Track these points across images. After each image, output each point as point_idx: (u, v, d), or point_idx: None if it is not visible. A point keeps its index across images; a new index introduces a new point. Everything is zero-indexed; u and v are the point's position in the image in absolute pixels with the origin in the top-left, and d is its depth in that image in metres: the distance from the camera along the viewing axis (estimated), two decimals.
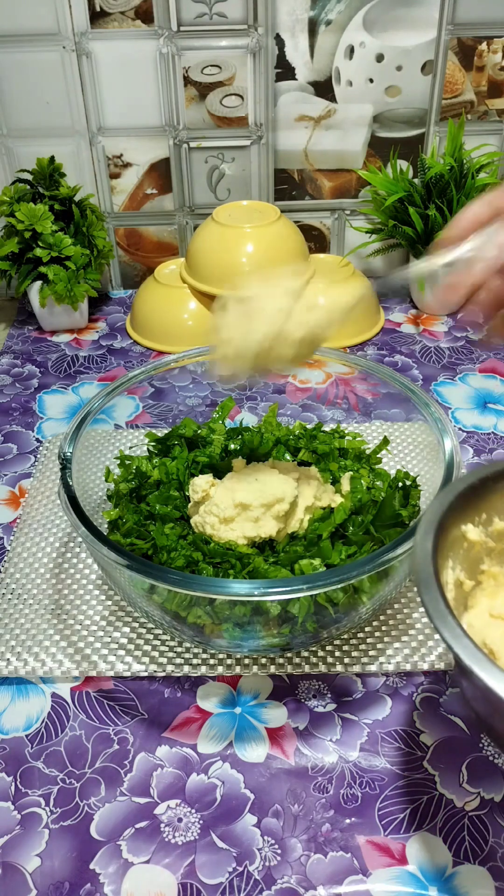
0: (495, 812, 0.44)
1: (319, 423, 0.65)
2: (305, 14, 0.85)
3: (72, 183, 0.94)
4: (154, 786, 0.46)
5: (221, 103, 0.90)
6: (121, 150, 0.93)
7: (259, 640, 0.49)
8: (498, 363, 0.86)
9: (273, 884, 0.41)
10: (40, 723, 0.49)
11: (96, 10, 0.84)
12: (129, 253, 1.01)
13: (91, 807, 0.45)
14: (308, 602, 0.46)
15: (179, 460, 0.59)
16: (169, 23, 0.85)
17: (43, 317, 0.92)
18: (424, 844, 0.43)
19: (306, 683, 0.51)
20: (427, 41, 0.87)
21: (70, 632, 0.54)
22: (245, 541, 0.51)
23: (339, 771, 0.47)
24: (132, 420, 0.73)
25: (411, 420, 0.60)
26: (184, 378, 0.71)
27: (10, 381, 0.84)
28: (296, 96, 0.90)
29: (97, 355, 0.89)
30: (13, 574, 0.59)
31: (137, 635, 0.54)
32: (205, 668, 0.52)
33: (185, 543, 0.52)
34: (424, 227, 0.89)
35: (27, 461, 0.72)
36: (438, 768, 0.47)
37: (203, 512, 0.52)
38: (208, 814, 0.44)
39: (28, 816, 0.45)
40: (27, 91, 0.88)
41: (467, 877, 0.41)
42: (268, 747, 0.48)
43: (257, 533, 0.51)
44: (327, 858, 0.42)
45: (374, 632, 0.54)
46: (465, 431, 0.75)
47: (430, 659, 0.52)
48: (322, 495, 0.55)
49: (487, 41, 0.88)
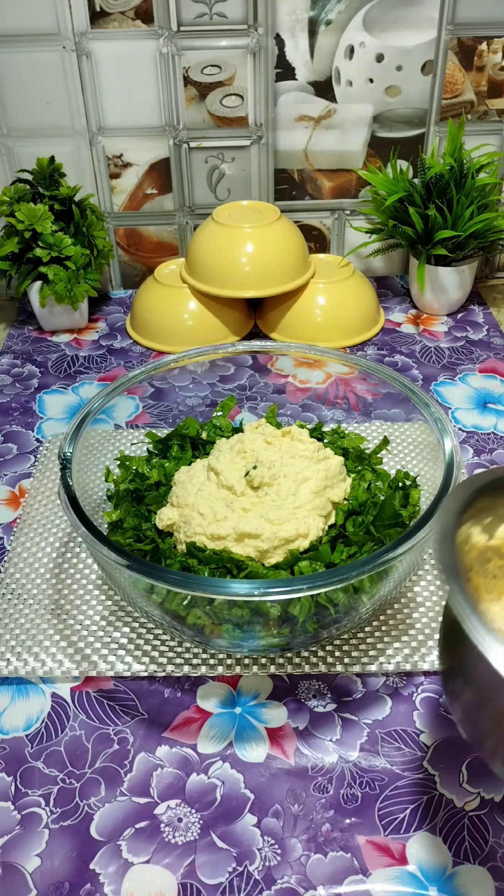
0: (495, 812, 0.44)
1: (319, 423, 0.65)
2: (305, 14, 0.85)
3: (72, 183, 0.94)
4: (154, 786, 0.46)
5: (221, 103, 0.90)
6: (121, 150, 0.93)
7: (259, 640, 0.49)
8: (498, 363, 0.86)
9: (273, 884, 0.41)
10: (40, 723, 0.49)
11: (96, 10, 0.84)
12: (129, 253, 1.01)
13: (91, 807, 0.45)
14: (308, 602, 0.46)
15: (182, 461, 0.59)
16: (169, 23, 0.85)
17: (43, 317, 0.92)
18: (424, 844, 0.43)
19: (306, 683, 0.51)
20: (427, 41, 0.87)
21: (70, 632, 0.54)
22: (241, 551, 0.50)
23: (339, 771, 0.47)
24: (132, 420, 0.73)
25: (411, 420, 0.60)
26: (184, 378, 0.71)
27: (10, 381, 0.84)
28: (296, 96, 0.90)
29: (97, 355, 0.89)
30: (13, 574, 0.59)
31: (137, 635, 0.54)
32: (205, 668, 0.52)
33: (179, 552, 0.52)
34: (424, 227, 0.89)
35: (27, 461, 0.72)
36: (438, 768, 0.47)
37: (185, 535, 0.51)
38: (208, 814, 0.45)
39: (28, 816, 0.45)
40: (27, 91, 0.88)
41: (467, 877, 0.41)
42: (268, 747, 0.48)
43: (260, 560, 0.50)
44: (327, 858, 0.42)
45: (374, 632, 0.54)
46: (465, 431, 0.75)
47: (431, 659, 0.52)
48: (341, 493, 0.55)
49: (487, 41, 0.88)
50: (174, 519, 0.53)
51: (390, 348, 0.89)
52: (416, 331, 0.93)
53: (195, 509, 0.51)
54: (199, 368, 0.69)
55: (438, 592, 0.57)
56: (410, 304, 0.98)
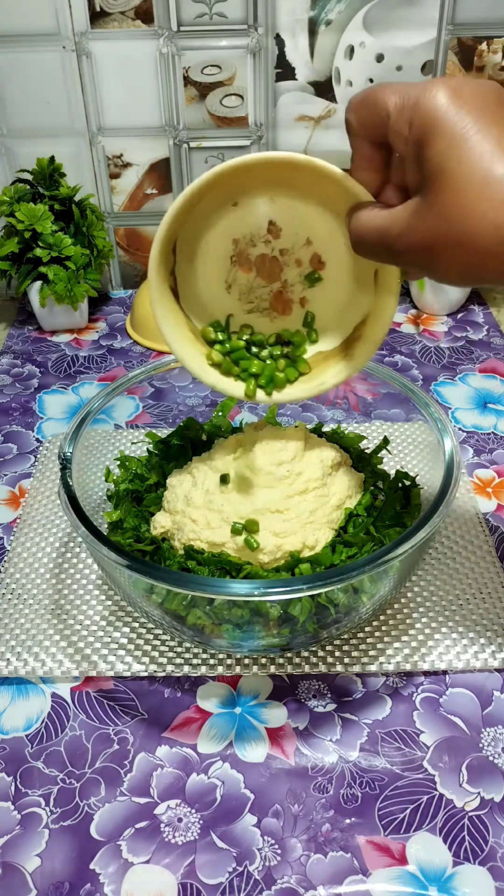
0: (495, 812, 0.44)
1: (319, 423, 0.65)
2: (305, 14, 0.85)
3: (72, 183, 0.94)
4: (154, 786, 0.46)
5: (221, 103, 0.90)
6: (121, 150, 0.93)
7: (259, 640, 0.49)
8: (498, 363, 0.86)
9: (273, 884, 0.41)
10: (40, 723, 0.49)
11: (96, 10, 0.84)
12: (129, 253, 1.01)
13: (91, 807, 0.45)
14: (308, 603, 0.46)
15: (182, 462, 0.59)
16: (169, 23, 0.85)
17: (43, 317, 0.92)
18: (424, 844, 0.43)
19: (306, 683, 0.51)
20: (427, 41, 0.87)
21: (70, 632, 0.54)
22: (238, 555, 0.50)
23: (339, 771, 0.47)
24: (132, 420, 0.73)
25: (411, 420, 0.60)
26: (184, 378, 0.71)
27: (10, 381, 0.84)
28: (296, 96, 0.90)
29: (97, 355, 0.89)
30: (13, 574, 0.59)
31: (137, 635, 0.54)
32: (205, 668, 0.52)
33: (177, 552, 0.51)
34: None
35: (27, 461, 0.72)
36: (438, 768, 0.47)
37: (179, 543, 0.51)
38: (208, 814, 0.45)
39: (28, 816, 0.45)
40: (27, 91, 0.88)
41: (467, 877, 0.41)
42: (268, 747, 0.48)
43: (259, 563, 0.50)
44: (327, 858, 0.42)
45: (374, 632, 0.54)
46: (465, 431, 0.75)
47: (431, 659, 0.52)
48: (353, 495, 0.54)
49: (487, 41, 0.88)
50: (167, 526, 0.52)
51: (390, 348, 0.89)
52: (416, 331, 0.93)
53: (187, 516, 0.51)
54: None
55: (439, 592, 0.57)
56: (410, 304, 0.98)
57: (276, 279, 0.48)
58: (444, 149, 0.34)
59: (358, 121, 0.38)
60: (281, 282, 0.48)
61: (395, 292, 0.46)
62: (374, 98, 0.37)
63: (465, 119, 0.33)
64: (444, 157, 0.34)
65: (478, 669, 0.52)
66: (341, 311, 0.48)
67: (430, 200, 0.35)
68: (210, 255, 0.47)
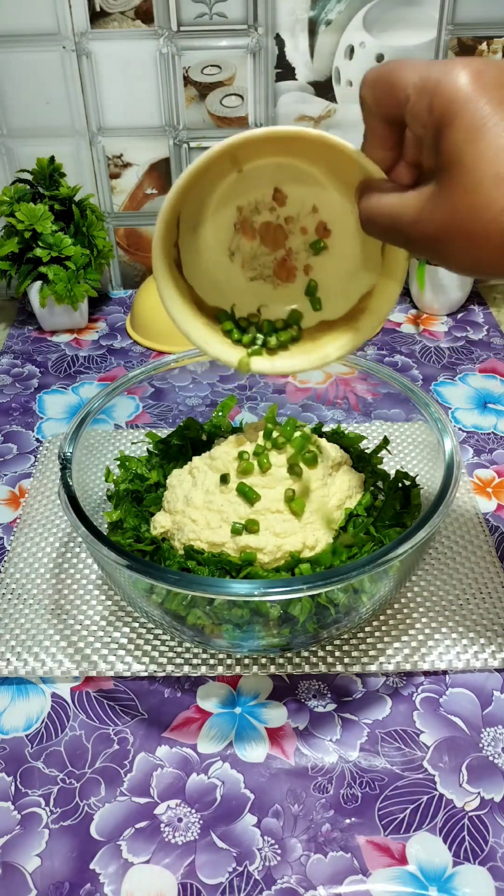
0: (495, 812, 0.44)
1: (319, 423, 0.65)
2: (305, 14, 0.85)
3: (72, 183, 0.94)
4: (154, 786, 0.46)
5: (221, 103, 0.90)
6: (121, 150, 0.93)
7: (259, 640, 0.49)
8: (498, 363, 0.86)
9: (273, 884, 0.41)
10: (40, 723, 0.49)
11: (96, 10, 0.84)
12: (129, 253, 1.01)
13: (91, 807, 0.45)
14: (308, 603, 0.46)
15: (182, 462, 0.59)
16: (169, 23, 0.85)
17: (43, 317, 0.92)
18: (424, 844, 0.43)
19: (306, 683, 0.51)
20: (427, 41, 0.87)
21: (70, 632, 0.54)
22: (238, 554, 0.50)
23: (339, 771, 0.47)
24: (132, 420, 0.73)
25: (411, 420, 0.60)
26: (184, 378, 0.71)
27: (10, 381, 0.84)
28: (296, 96, 0.90)
29: (97, 355, 0.89)
30: (13, 574, 0.59)
31: (137, 635, 0.54)
32: (205, 668, 0.52)
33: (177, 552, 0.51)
34: None
35: (27, 461, 0.72)
36: (438, 768, 0.47)
37: (179, 543, 0.51)
38: (208, 814, 0.45)
39: (28, 816, 0.45)
40: (27, 91, 0.88)
41: (467, 877, 0.41)
42: (268, 747, 0.48)
43: (260, 566, 0.50)
44: (327, 858, 0.42)
45: (374, 632, 0.54)
46: (465, 431, 0.75)
47: (431, 659, 0.52)
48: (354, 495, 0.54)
49: (487, 41, 0.88)
50: (167, 526, 0.52)
51: (390, 348, 0.89)
52: (416, 331, 0.93)
53: (187, 516, 0.51)
54: (199, 368, 0.69)
55: (439, 592, 0.57)
56: (410, 304, 0.98)
57: (281, 247, 0.47)
58: (461, 141, 0.33)
59: (374, 99, 0.37)
60: (285, 249, 0.47)
61: (403, 267, 0.45)
62: (394, 78, 0.35)
63: (486, 108, 0.32)
64: (461, 151, 0.33)
65: (478, 669, 0.52)
66: (346, 280, 0.47)
67: (444, 192, 0.34)
68: (214, 222, 0.46)
